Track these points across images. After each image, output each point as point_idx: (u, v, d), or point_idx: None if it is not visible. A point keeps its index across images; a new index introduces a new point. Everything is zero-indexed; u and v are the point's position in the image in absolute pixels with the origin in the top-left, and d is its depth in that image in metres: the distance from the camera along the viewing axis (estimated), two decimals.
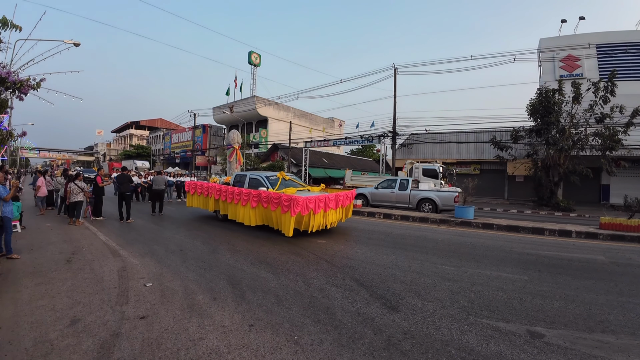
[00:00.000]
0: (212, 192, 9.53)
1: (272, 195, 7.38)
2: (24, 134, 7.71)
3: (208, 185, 9.92)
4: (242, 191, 8.24)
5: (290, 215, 6.79)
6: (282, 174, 8.90)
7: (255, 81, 44.20)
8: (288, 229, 6.87)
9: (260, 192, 7.69)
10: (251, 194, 7.90)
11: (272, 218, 7.53)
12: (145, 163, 40.87)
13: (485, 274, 4.99)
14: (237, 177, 9.60)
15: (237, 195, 8.44)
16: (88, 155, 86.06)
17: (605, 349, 2.84)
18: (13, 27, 5.25)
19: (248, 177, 9.10)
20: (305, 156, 26.64)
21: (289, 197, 6.98)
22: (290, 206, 6.84)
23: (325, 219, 7.69)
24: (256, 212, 7.90)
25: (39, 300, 3.63)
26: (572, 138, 17.25)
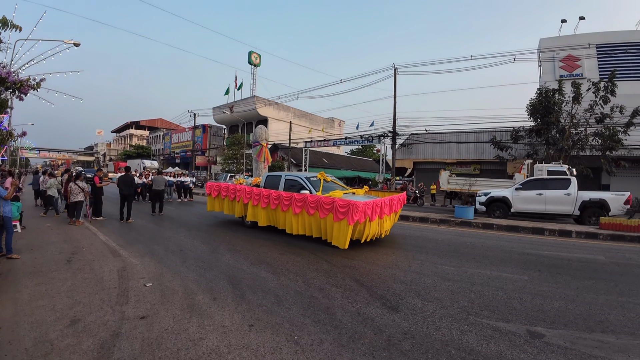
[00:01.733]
0: (240, 195, 8.46)
1: (323, 200, 6.38)
2: (24, 134, 7.72)
3: (235, 187, 8.74)
4: (281, 195, 7.22)
5: (348, 223, 5.91)
6: (323, 174, 7.90)
7: (255, 81, 44.21)
8: (344, 240, 5.99)
9: (305, 197, 6.73)
10: (294, 199, 6.90)
11: (320, 227, 6.59)
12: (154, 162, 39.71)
13: (485, 274, 4.99)
14: (270, 178, 8.48)
15: (274, 199, 7.39)
16: (88, 155, 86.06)
17: (605, 349, 2.84)
18: (13, 27, 5.25)
19: (284, 179, 8.03)
20: (305, 156, 26.64)
21: (347, 202, 5.99)
22: (348, 213, 5.91)
23: (380, 226, 6.89)
24: (299, 220, 6.92)
25: (39, 300, 3.63)
26: (572, 138, 17.26)
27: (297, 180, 7.75)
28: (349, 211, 5.92)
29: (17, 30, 5.33)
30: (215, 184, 9.70)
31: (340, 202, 6.13)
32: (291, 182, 7.84)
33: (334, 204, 6.20)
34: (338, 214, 6.08)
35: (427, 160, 27.38)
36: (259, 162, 10.84)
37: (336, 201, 6.19)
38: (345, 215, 5.97)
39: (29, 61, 6.19)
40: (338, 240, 6.17)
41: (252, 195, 8.07)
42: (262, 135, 10.97)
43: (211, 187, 9.62)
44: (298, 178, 7.77)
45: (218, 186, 9.43)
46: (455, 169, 26.56)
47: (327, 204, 6.34)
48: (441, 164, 27.03)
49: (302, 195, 6.89)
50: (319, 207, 6.48)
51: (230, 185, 9.00)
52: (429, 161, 27.36)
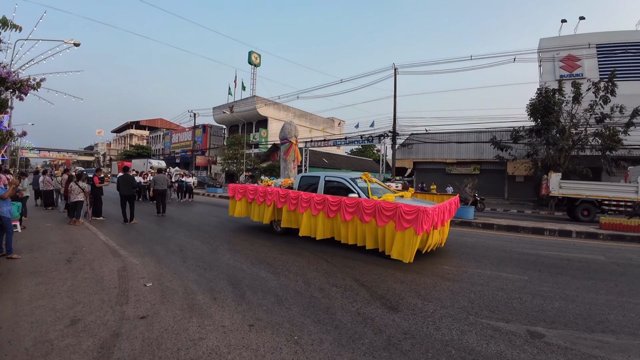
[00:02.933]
0: (272, 198, 7.39)
1: (383, 206, 5.53)
2: (24, 134, 7.71)
3: (265, 189, 7.70)
4: (326, 199, 6.27)
5: (416, 233, 5.11)
6: (367, 175, 7.07)
7: (255, 81, 44.22)
8: (409, 252, 5.16)
9: (359, 202, 5.85)
10: (343, 204, 6.04)
11: (375, 236, 5.76)
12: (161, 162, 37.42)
13: (485, 274, 4.99)
14: (305, 179, 7.62)
15: (316, 203, 6.43)
16: (88, 155, 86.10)
17: (605, 349, 2.84)
18: (13, 27, 5.25)
19: (323, 180, 7.10)
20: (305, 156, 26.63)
21: (414, 208, 5.18)
22: (417, 221, 5.09)
23: (441, 234, 6.26)
24: (349, 228, 6.08)
25: (39, 300, 3.63)
26: (572, 138, 17.26)
27: (341, 181, 6.84)
28: (417, 218, 5.07)
29: (17, 30, 5.33)
30: (241, 185, 8.68)
31: (406, 208, 5.23)
32: (333, 184, 6.94)
33: (398, 211, 5.30)
34: (402, 222, 5.22)
35: (427, 160, 27.37)
36: (287, 161, 9.73)
37: (400, 207, 5.28)
38: (412, 224, 5.12)
39: (29, 61, 6.19)
40: (401, 252, 5.26)
41: (287, 199, 7.01)
42: (291, 131, 9.79)
43: (235, 190, 8.59)
44: (342, 179, 6.87)
45: (244, 188, 8.38)
46: (455, 169, 26.57)
47: (387, 210, 5.45)
48: (441, 163, 27.04)
49: (354, 199, 5.98)
50: (376, 213, 5.59)
51: (259, 187, 7.93)
52: (429, 161, 27.36)
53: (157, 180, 11.14)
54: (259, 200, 7.79)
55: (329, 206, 6.26)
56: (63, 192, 10.45)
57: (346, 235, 6.14)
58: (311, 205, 6.55)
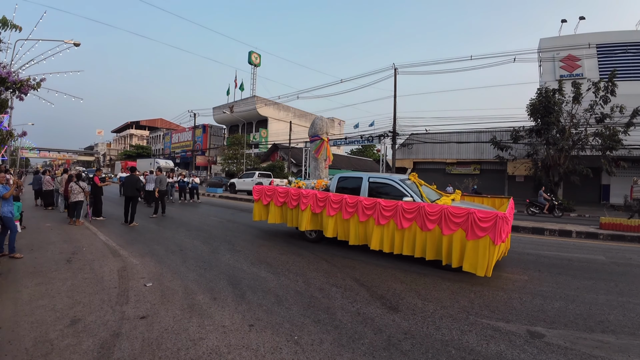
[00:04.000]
0: (308, 202, 6.57)
1: (451, 212, 4.86)
2: (24, 134, 7.72)
3: (299, 192, 6.84)
4: (378, 203, 5.58)
5: (493, 243, 4.42)
6: (415, 176, 6.49)
7: (255, 81, 44.25)
8: (485, 264, 4.44)
9: (421, 206, 5.19)
10: (400, 209, 5.32)
11: (439, 246, 5.06)
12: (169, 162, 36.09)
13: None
14: (344, 181, 6.88)
15: (366, 208, 5.72)
16: (88, 155, 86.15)
17: (605, 349, 2.84)
18: (13, 27, 5.25)
19: (367, 182, 6.36)
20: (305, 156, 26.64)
21: (492, 214, 4.51)
22: (495, 229, 4.43)
23: (507, 243, 5.71)
24: (404, 236, 5.37)
25: (39, 300, 3.63)
26: (572, 138, 17.25)
27: (389, 184, 6.07)
28: (495, 226, 4.44)
29: (17, 30, 5.34)
30: (269, 187, 7.67)
31: (481, 214, 4.60)
32: (379, 186, 6.19)
33: (470, 217, 4.65)
34: (476, 229, 4.59)
35: (427, 160, 27.37)
36: (319, 160, 8.77)
37: (473, 213, 4.65)
38: (488, 232, 4.48)
39: (29, 61, 6.19)
40: (475, 264, 4.56)
41: (327, 203, 6.26)
42: (322, 127, 8.82)
43: (261, 192, 7.65)
44: (391, 181, 6.09)
45: (272, 190, 7.42)
46: (455, 169, 26.58)
47: (457, 217, 4.80)
48: (441, 163, 27.04)
49: (415, 204, 5.30)
50: (442, 220, 4.92)
51: (291, 190, 7.08)
52: (429, 161, 27.35)
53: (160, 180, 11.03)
54: (291, 204, 6.95)
55: (381, 211, 5.52)
56: (62, 192, 10.45)
57: (400, 245, 5.43)
58: (359, 210, 5.80)
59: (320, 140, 8.78)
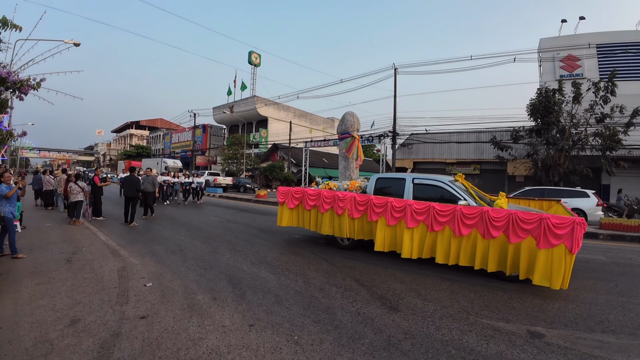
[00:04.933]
0: (345, 206, 5.97)
1: (520, 217, 4.35)
2: (24, 134, 7.70)
3: (334, 195, 6.21)
4: (432, 207, 5.03)
5: (570, 251, 4.02)
6: (461, 177, 6.03)
7: (255, 81, 44.25)
8: (559, 276, 4.03)
9: (484, 211, 4.63)
10: (459, 213, 4.78)
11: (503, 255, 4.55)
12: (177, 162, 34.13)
13: (485, 274, 4.98)
14: (383, 181, 6.35)
15: (417, 213, 5.15)
16: (88, 155, 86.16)
17: (605, 349, 2.84)
18: (13, 27, 5.24)
19: (411, 183, 5.79)
20: (305, 156, 26.64)
21: (568, 220, 4.08)
22: (572, 236, 4.02)
23: None
24: (462, 244, 4.82)
25: (39, 300, 3.63)
26: (572, 138, 17.25)
27: (438, 185, 5.55)
28: (572, 233, 3.99)
29: (17, 30, 5.33)
30: (297, 189, 7.02)
31: (555, 219, 4.13)
32: (426, 188, 5.67)
33: (543, 223, 4.15)
34: (550, 237, 4.11)
35: (427, 160, 27.35)
36: (349, 159, 8.02)
37: (547, 218, 4.15)
38: (563, 239, 4.02)
39: (29, 61, 6.18)
40: (548, 276, 4.09)
41: (369, 207, 5.67)
42: (353, 123, 8.06)
43: (287, 194, 7.01)
44: (440, 183, 5.55)
45: (302, 192, 6.82)
46: (455, 169, 26.58)
47: (527, 223, 4.28)
48: (441, 163, 27.03)
49: (477, 208, 4.76)
50: (510, 226, 4.40)
51: (324, 192, 6.44)
52: (429, 161, 27.34)
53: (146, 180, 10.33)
54: (324, 207, 6.32)
55: (435, 217, 4.99)
56: (62, 192, 10.45)
57: (456, 255, 4.87)
58: (407, 215, 5.22)
59: (351, 138, 8.02)
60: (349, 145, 8.05)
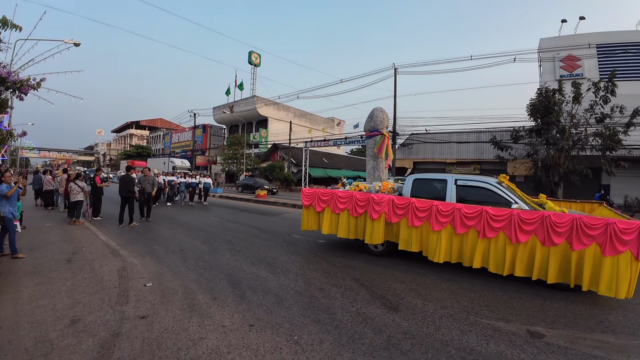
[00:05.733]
0: (381, 209, 5.49)
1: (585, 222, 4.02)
2: (24, 134, 7.70)
3: (368, 197, 5.70)
4: (485, 212, 4.59)
5: (636, 258, 3.78)
6: (506, 178, 5.43)
7: (255, 81, 44.29)
8: (625, 285, 3.77)
9: (545, 215, 4.26)
10: (517, 218, 4.37)
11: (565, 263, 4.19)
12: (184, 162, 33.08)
13: (485, 274, 4.98)
14: (420, 183, 5.88)
15: (467, 217, 4.71)
16: (88, 155, 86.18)
17: (605, 349, 2.84)
18: (13, 27, 5.24)
19: (453, 185, 5.39)
20: (305, 156, 26.65)
21: (635, 225, 3.81)
22: (638, 242, 3.78)
23: None
24: (519, 252, 4.38)
25: (39, 300, 3.63)
26: (572, 138, 17.25)
27: (486, 187, 5.15)
28: (639, 238, 3.76)
29: (17, 30, 5.33)
30: (324, 191, 6.47)
31: (622, 224, 3.83)
32: (470, 190, 5.27)
33: (609, 229, 3.85)
34: (617, 243, 3.81)
35: (427, 160, 27.36)
36: (379, 159, 7.42)
37: (614, 223, 3.84)
38: (629, 246, 3.80)
39: (29, 61, 6.18)
40: (613, 285, 3.78)
41: (410, 211, 5.23)
42: (383, 120, 7.48)
43: (314, 196, 6.48)
44: (487, 184, 5.16)
45: (330, 195, 6.26)
46: (455, 169, 26.58)
47: (592, 228, 3.96)
48: (441, 163, 27.04)
49: (536, 213, 4.35)
50: (574, 232, 4.06)
51: (356, 194, 5.93)
52: (429, 161, 27.35)
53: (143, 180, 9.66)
54: (356, 211, 5.82)
55: (489, 222, 4.57)
56: (62, 192, 10.44)
57: (511, 264, 4.44)
58: (455, 220, 4.81)
59: (381, 136, 7.37)
60: (380, 144, 7.41)
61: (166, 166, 29.32)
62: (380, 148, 7.39)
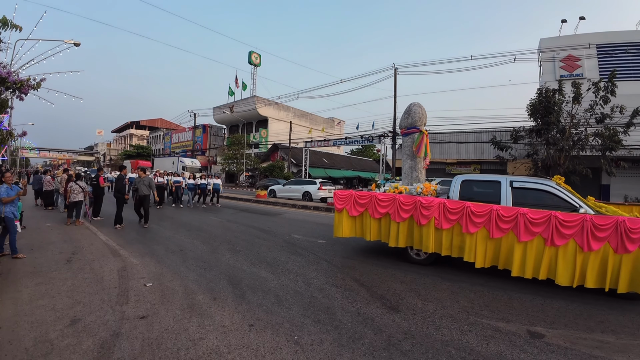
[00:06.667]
0: (430, 214, 5.02)
1: None
2: (24, 134, 7.71)
3: (414, 200, 5.20)
4: (554, 217, 4.19)
5: None
6: (562, 180, 5.07)
7: (255, 81, 44.30)
8: None
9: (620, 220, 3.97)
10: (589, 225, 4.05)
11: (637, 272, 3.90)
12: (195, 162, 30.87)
13: (485, 274, 4.98)
14: (471, 185, 5.47)
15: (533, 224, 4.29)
16: (88, 155, 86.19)
17: (605, 349, 2.84)
18: (13, 27, 5.25)
19: (508, 187, 4.98)
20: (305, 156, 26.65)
21: None
22: None
23: None
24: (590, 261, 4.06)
25: (39, 300, 3.63)
26: (572, 138, 17.25)
27: (546, 190, 4.77)
28: None
29: (17, 30, 5.33)
30: (361, 193, 5.97)
31: None
32: (528, 193, 4.88)
33: None
34: None
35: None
36: (418, 159, 6.85)
37: None
38: None
39: (29, 61, 6.19)
40: None
41: (464, 217, 4.77)
42: (422, 116, 6.89)
43: (349, 200, 5.91)
44: (548, 187, 4.79)
45: (368, 197, 5.71)
46: (455, 169, 26.57)
47: None
48: (441, 163, 27.04)
49: (611, 218, 4.05)
50: None
51: (401, 197, 5.38)
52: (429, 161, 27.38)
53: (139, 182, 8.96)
54: (400, 216, 5.32)
55: (557, 228, 4.18)
56: (62, 192, 10.44)
57: (582, 274, 4.10)
58: (519, 226, 4.36)
59: (419, 134, 6.79)
60: (419, 142, 6.77)
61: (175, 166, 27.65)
62: (419, 146, 6.79)
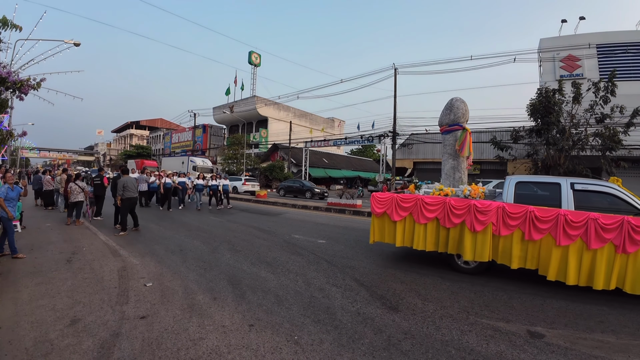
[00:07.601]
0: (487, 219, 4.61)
1: None
2: (24, 134, 7.71)
3: (468, 204, 4.79)
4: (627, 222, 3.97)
5: None
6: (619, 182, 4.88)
7: (255, 81, 44.31)
8: None
9: None
10: None
11: None
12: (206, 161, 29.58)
13: (485, 274, 4.98)
14: (526, 187, 5.09)
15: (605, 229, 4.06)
16: (88, 155, 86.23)
17: (605, 349, 2.84)
18: (13, 27, 5.25)
19: (569, 189, 4.63)
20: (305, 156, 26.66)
21: None
22: None
23: None
24: None
25: (39, 300, 3.63)
26: (572, 138, 17.25)
27: (610, 193, 4.49)
28: None
29: (17, 30, 5.34)
30: (405, 196, 5.43)
31: None
32: (591, 196, 4.60)
33: None
34: None
35: (427, 160, 27.36)
36: (461, 157, 6.38)
37: None
38: None
39: (29, 61, 6.20)
40: None
41: (526, 221, 4.42)
42: (465, 113, 6.44)
43: (390, 203, 5.46)
44: (612, 190, 4.49)
45: (414, 200, 5.25)
46: None
47: None
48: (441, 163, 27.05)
49: None
50: None
51: (451, 200, 4.97)
52: (429, 161, 27.35)
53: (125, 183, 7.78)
54: (451, 221, 4.91)
55: (630, 234, 3.93)
56: (62, 192, 10.43)
57: None
58: (590, 232, 4.08)
59: (462, 131, 6.30)
60: (462, 140, 6.25)
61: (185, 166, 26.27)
62: (463, 145, 6.28)
